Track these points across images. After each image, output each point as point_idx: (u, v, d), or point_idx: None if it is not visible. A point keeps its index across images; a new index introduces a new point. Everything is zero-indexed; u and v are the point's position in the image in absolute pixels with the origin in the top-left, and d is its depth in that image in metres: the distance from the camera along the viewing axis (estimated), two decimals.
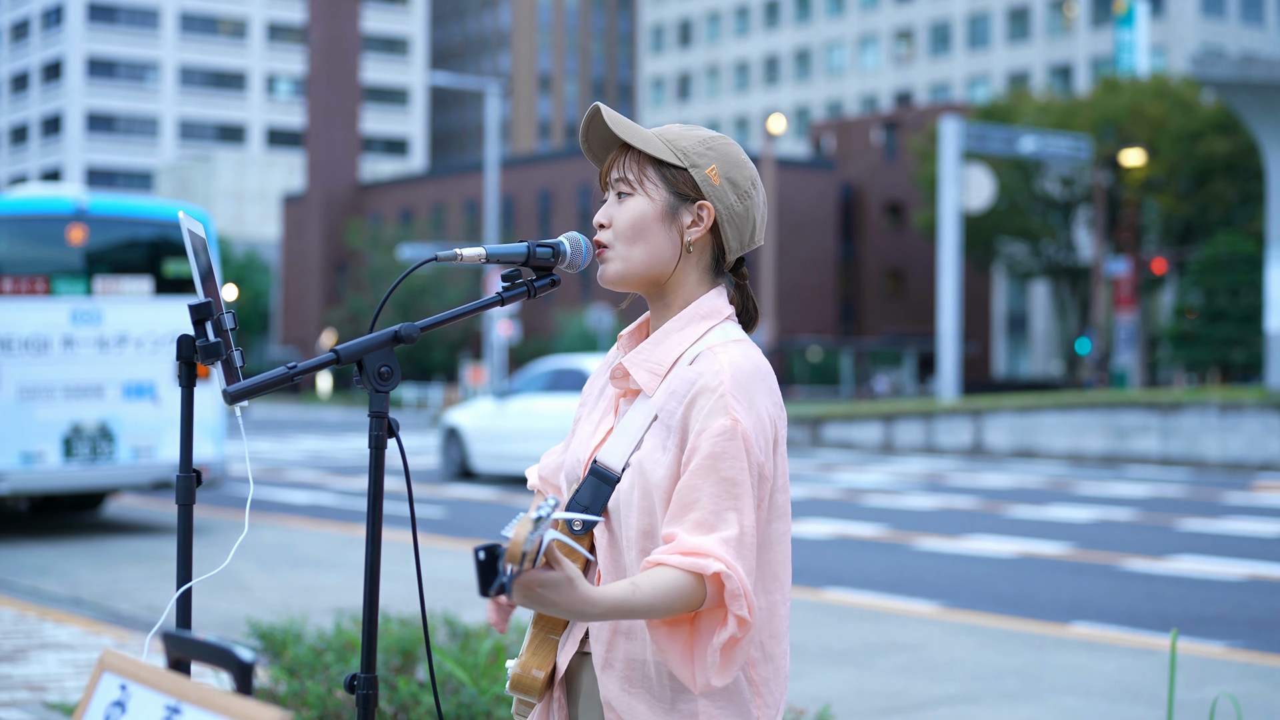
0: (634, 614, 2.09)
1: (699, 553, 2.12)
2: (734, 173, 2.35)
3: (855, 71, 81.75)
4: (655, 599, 2.09)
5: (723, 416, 2.18)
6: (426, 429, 37.47)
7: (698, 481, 2.17)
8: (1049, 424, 26.81)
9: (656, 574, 2.11)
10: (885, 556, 12.37)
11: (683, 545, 2.13)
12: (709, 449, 2.17)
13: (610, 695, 2.24)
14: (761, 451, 2.21)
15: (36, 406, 12.77)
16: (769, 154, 45.09)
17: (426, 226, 66.77)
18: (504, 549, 1.87)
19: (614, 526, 2.26)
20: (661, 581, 2.10)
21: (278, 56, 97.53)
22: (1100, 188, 45.69)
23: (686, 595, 2.11)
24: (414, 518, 2.33)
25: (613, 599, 2.07)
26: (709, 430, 2.18)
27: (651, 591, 2.09)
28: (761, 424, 2.22)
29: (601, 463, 2.28)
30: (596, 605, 2.05)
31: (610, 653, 2.25)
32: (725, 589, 2.10)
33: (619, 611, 2.08)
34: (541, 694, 2.31)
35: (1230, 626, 8.96)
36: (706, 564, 2.10)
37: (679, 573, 2.11)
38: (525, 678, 2.31)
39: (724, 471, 2.17)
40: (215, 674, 5.70)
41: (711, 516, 2.15)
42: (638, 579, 2.11)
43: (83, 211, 13.22)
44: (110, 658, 1.70)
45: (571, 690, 2.33)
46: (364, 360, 2.25)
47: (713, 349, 2.27)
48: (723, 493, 2.16)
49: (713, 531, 2.14)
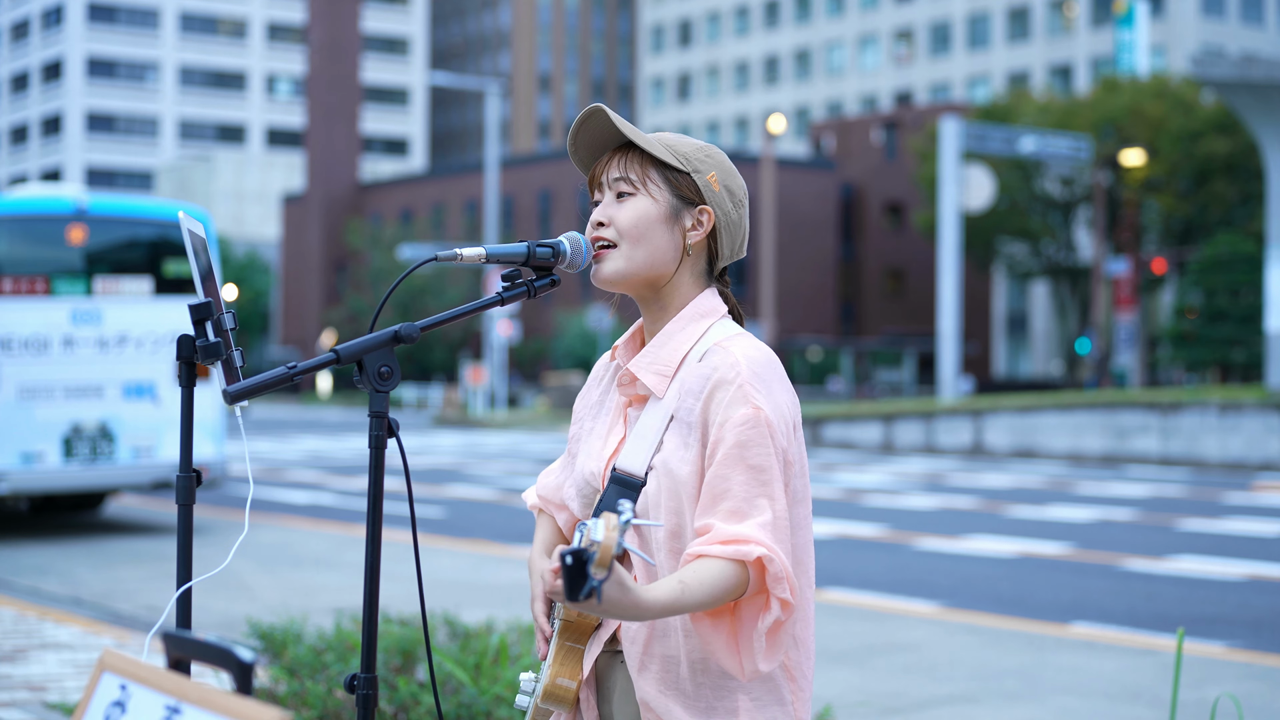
0: (685, 610, 2.10)
1: (739, 539, 2.13)
2: (730, 181, 2.38)
3: (855, 71, 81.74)
4: (704, 592, 2.10)
5: (744, 406, 2.20)
6: (428, 428, 37.50)
7: (727, 471, 2.18)
8: (1049, 424, 26.81)
9: (701, 567, 2.12)
10: (885, 556, 12.37)
11: (721, 534, 2.14)
12: (735, 438, 2.18)
13: (647, 696, 2.25)
14: (784, 437, 2.22)
15: (36, 406, 12.77)
16: (769, 154, 45.06)
17: (426, 226, 66.75)
18: (592, 554, 1.88)
19: (643, 530, 2.27)
20: (708, 574, 2.11)
21: (278, 56, 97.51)
22: (1100, 188, 45.69)
23: (732, 584, 2.12)
24: (414, 518, 2.33)
25: (665, 599, 2.07)
26: (732, 420, 2.19)
27: (699, 586, 2.10)
28: (781, 411, 2.23)
29: (622, 469, 2.28)
30: (650, 607, 2.05)
31: (646, 654, 2.25)
32: (768, 572, 2.12)
33: (672, 610, 2.08)
34: (574, 704, 2.32)
35: (1230, 626, 8.96)
36: (749, 550, 2.11)
37: (723, 562, 2.12)
38: (557, 689, 2.31)
39: (751, 459, 2.18)
40: (215, 674, 5.70)
41: (744, 504, 2.16)
42: (684, 575, 2.11)
43: (83, 211, 13.22)
44: (110, 658, 1.70)
45: (602, 690, 2.33)
46: (364, 360, 2.25)
47: (721, 344, 2.28)
48: (752, 480, 2.17)
49: (747, 518, 2.15)
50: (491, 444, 30.11)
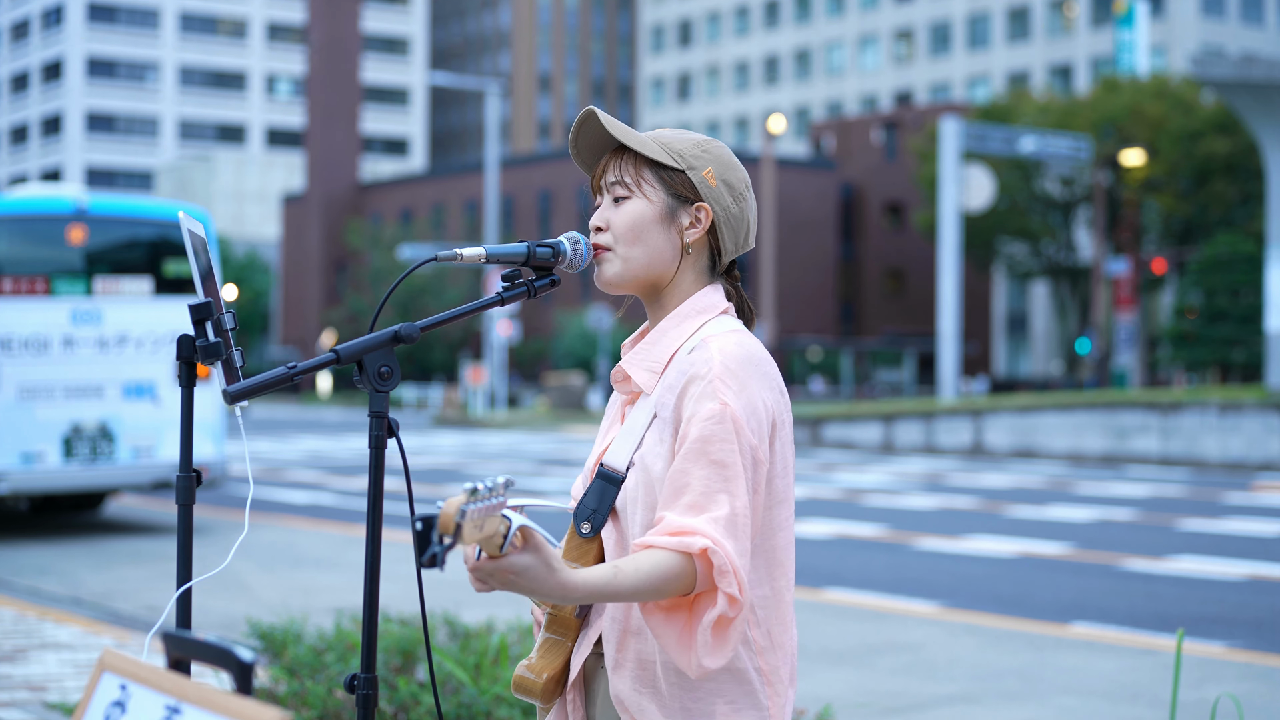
0: (619, 596, 2.08)
1: (685, 531, 2.11)
2: (729, 175, 2.36)
3: (855, 71, 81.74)
4: (639, 580, 2.08)
5: (711, 401, 2.19)
6: (428, 428, 37.50)
7: (688, 465, 2.17)
8: (1049, 424, 26.81)
9: (641, 556, 2.11)
10: (885, 556, 12.37)
11: (670, 526, 2.13)
12: (698, 433, 2.17)
13: (622, 694, 2.24)
14: (754, 434, 2.20)
15: (36, 406, 12.77)
16: (769, 154, 45.07)
17: (426, 226, 66.75)
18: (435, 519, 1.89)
19: (622, 526, 2.26)
20: (646, 563, 2.09)
21: (278, 56, 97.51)
22: (1100, 188, 45.69)
23: (674, 575, 2.10)
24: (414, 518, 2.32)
25: (594, 582, 2.06)
26: (698, 415, 2.18)
27: (635, 573, 2.08)
28: (754, 408, 2.21)
29: (607, 464, 2.29)
30: (576, 589, 2.04)
31: (621, 653, 2.24)
32: (713, 566, 2.09)
33: (601, 594, 2.07)
34: (543, 696, 2.30)
35: (1230, 626, 8.96)
36: (692, 541, 2.09)
37: (665, 553, 2.10)
38: (525, 680, 2.30)
39: (713, 454, 2.16)
40: (215, 674, 5.70)
41: (702, 499, 2.14)
42: (620, 562, 2.10)
43: (83, 211, 13.22)
44: (110, 658, 1.70)
45: (589, 692, 2.32)
46: (364, 360, 2.25)
47: (706, 340, 2.27)
48: (713, 475, 2.15)
49: (703, 513, 2.13)
50: (491, 444, 30.12)
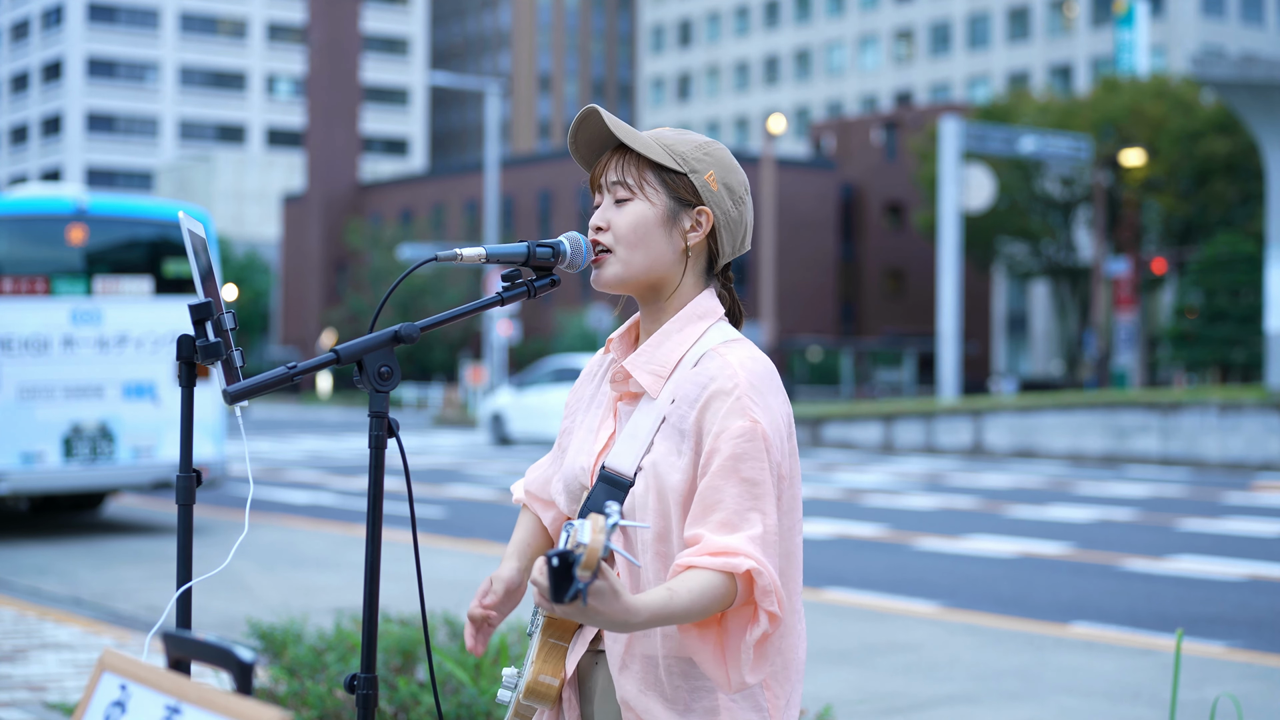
0: (673, 619, 2.09)
1: (729, 551, 2.12)
2: (730, 178, 2.36)
3: (855, 71, 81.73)
4: (692, 603, 2.10)
5: (741, 418, 2.19)
6: (428, 428, 37.49)
7: (720, 483, 2.17)
8: (1049, 424, 26.81)
9: (690, 577, 2.11)
10: (885, 556, 12.37)
11: (711, 546, 2.13)
12: (730, 450, 2.18)
13: (627, 695, 2.24)
14: (779, 451, 2.22)
15: (36, 406, 12.77)
16: (769, 154, 45.05)
17: (426, 226, 66.74)
18: (579, 556, 1.86)
19: (629, 532, 2.26)
20: (696, 584, 2.10)
21: (278, 56, 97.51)
22: (1100, 188, 45.68)
23: (720, 595, 2.12)
24: (414, 518, 2.33)
25: (654, 607, 2.07)
26: (728, 432, 2.19)
27: (688, 595, 2.09)
28: (777, 423, 2.23)
29: (611, 468, 2.27)
30: (639, 614, 2.04)
31: (628, 654, 2.25)
32: (756, 585, 2.11)
33: (659, 618, 2.07)
34: (556, 701, 2.32)
35: (1230, 626, 8.96)
36: (738, 562, 2.11)
37: (711, 573, 2.11)
38: (540, 686, 2.30)
39: (745, 472, 2.17)
40: (215, 674, 5.70)
41: (735, 517, 2.15)
42: (673, 584, 2.11)
43: (83, 211, 13.22)
44: (110, 658, 1.70)
45: (584, 690, 2.33)
46: (364, 360, 2.25)
47: (717, 350, 2.27)
48: (745, 493, 2.17)
49: (737, 531, 2.15)
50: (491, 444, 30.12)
